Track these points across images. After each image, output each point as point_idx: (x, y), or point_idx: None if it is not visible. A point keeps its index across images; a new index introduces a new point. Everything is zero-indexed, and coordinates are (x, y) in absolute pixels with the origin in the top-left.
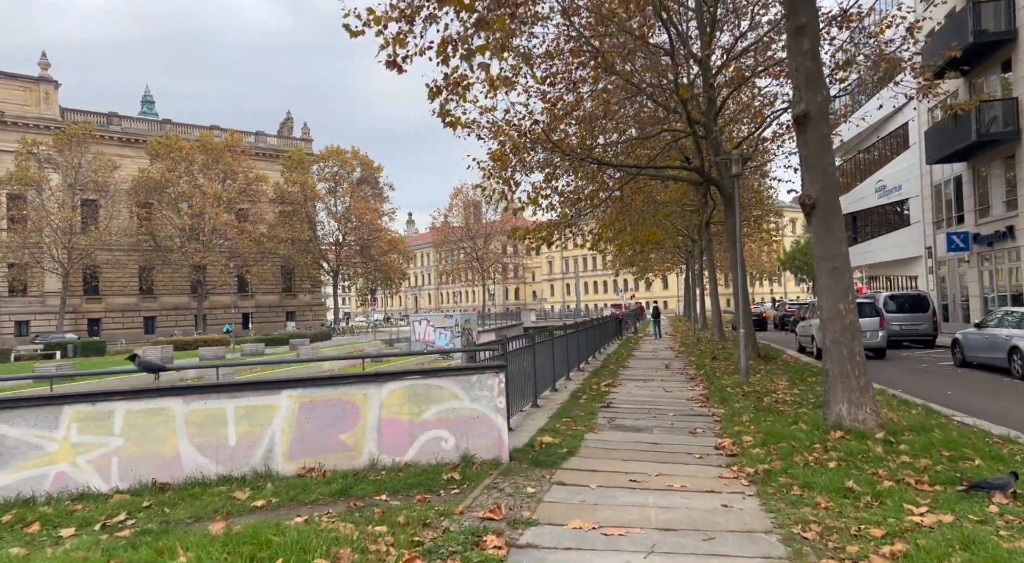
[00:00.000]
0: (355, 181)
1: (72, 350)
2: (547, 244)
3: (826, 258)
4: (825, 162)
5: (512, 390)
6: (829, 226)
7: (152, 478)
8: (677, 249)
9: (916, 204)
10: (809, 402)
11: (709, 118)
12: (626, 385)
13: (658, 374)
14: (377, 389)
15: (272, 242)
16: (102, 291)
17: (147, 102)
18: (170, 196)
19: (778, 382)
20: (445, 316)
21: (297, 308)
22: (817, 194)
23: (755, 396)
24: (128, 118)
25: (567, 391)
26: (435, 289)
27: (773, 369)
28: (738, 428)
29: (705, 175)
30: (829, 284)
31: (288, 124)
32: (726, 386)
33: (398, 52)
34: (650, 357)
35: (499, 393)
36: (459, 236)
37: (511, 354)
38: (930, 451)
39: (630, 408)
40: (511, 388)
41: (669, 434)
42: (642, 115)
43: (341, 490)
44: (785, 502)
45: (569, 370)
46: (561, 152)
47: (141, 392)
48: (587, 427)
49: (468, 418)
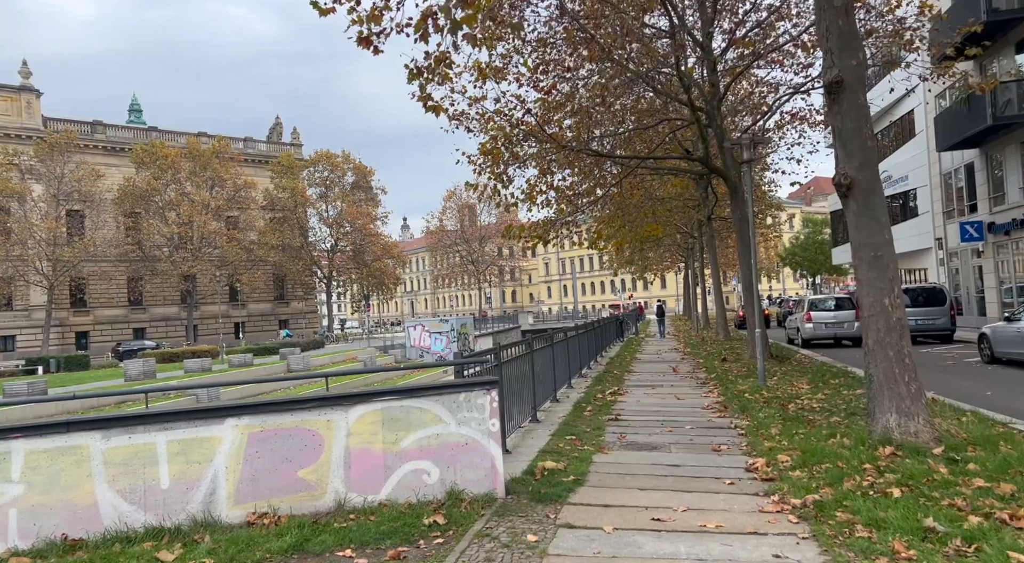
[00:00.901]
0: (346, 186)
1: (55, 365)
2: (543, 243)
3: (866, 246)
4: (863, 135)
5: (508, 405)
6: (869, 209)
7: (62, 533)
8: (676, 247)
9: (924, 194)
10: (840, 409)
11: (712, 105)
12: (633, 393)
13: (666, 379)
14: (343, 414)
15: (262, 249)
16: (89, 303)
17: (135, 111)
18: (157, 205)
19: (799, 385)
20: (440, 321)
21: (291, 316)
22: (854, 172)
23: (778, 403)
24: (113, 126)
25: (569, 402)
26: (431, 294)
27: (790, 370)
28: (768, 444)
29: (710, 165)
30: (871, 276)
31: (277, 129)
32: (743, 391)
33: (372, 29)
34: (655, 360)
35: (491, 414)
36: (453, 239)
37: (506, 364)
38: (1007, 472)
39: (641, 421)
40: (507, 403)
41: (689, 452)
42: (640, 106)
43: (295, 544)
44: (853, 550)
45: (571, 377)
46: (556, 144)
47: (47, 427)
48: (595, 446)
49: (455, 446)
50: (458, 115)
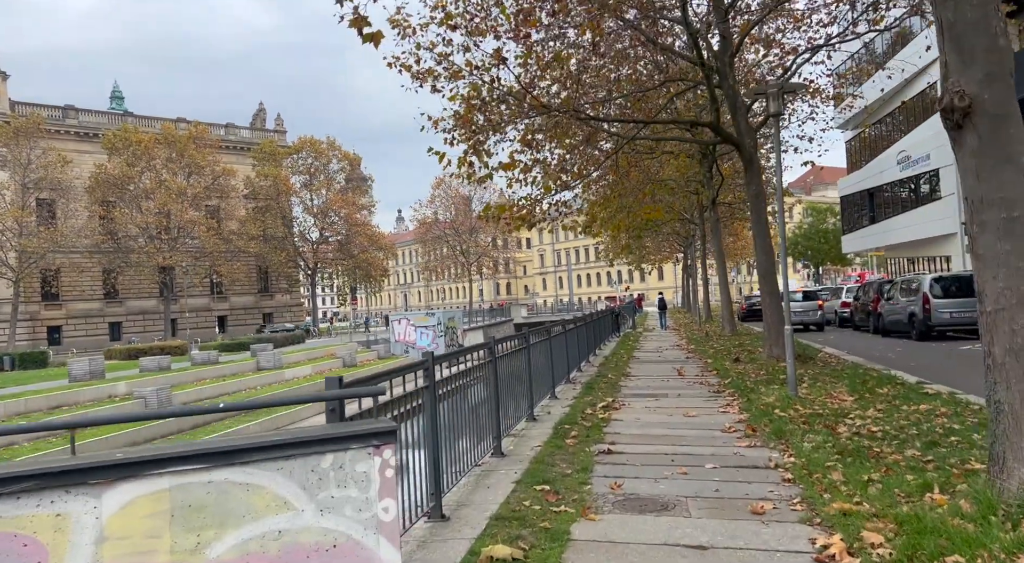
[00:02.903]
0: (332, 173)
1: (10, 363)
2: (528, 226)
3: (995, 203)
4: (992, 28)
5: (452, 440)
6: (999, 145)
7: None
8: (675, 235)
9: (949, 175)
10: (912, 437)
11: (724, 62)
12: (632, 406)
13: (671, 384)
14: (90, 503)
15: (242, 240)
16: (62, 297)
17: (116, 98)
18: (131, 193)
19: (839, 396)
20: (427, 314)
21: (275, 309)
22: (976, 88)
23: (822, 424)
24: (86, 111)
25: (550, 421)
26: (424, 286)
27: (818, 373)
28: (837, 503)
29: (721, 132)
30: (1003, 250)
31: (261, 116)
32: (772, 405)
33: None
34: (656, 359)
35: (382, 490)
36: (443, 230)
37: (443, 385)
38: None
39: (643, 454)
40: (451, 437)
41: (718, 518)
42: (636, 72)
43: None
44: None
45: (555, 385)
46: (539, 105)
47: None
48: (577, 505)
49: (312, 551)
50: (424, 73)
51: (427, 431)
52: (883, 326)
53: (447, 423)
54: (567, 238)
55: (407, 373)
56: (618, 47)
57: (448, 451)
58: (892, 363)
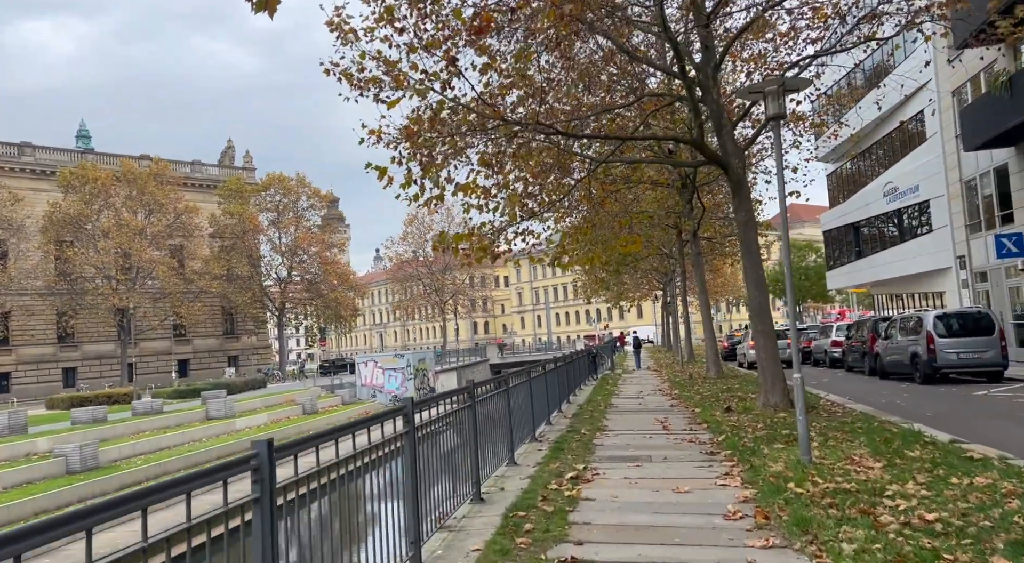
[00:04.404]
0: (300, 211)
1: None
2: (492, 258)
3: None
4: None
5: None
6: None
7: None
8: (654, 272)
9: (940, 206)
10: (985, 529)
11: (707, 74)
12: (608, 476)
13: (655, 442)
14: None
15: (204, 279)
16: (12, 341)
17: (83, 137)
18: (88, 232)
19: (863, 461)
20: (395, 355)
21: (240, 351)
22: None
23: (857, 510)
24: (43, 148)
25: (502, 503)
26: (401, 326)
27: (826, 428)
28: None
29: (706, 151)
30: None
31: (229, 153)
32: (783, 476)
33: None
34: (636, 407)
35: None
36: (415, 268)
37: (338, 469)
38: None
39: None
40: (346, 538)
41: None
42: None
43: None
44: None
45: (514, 447)
46: (501, 120)
47: None
48: None
49: None
50: (366, 81)
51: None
52: (881, 367)
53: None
54: (545, 276)
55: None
56: (583, 58)
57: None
58: (905, 413)
